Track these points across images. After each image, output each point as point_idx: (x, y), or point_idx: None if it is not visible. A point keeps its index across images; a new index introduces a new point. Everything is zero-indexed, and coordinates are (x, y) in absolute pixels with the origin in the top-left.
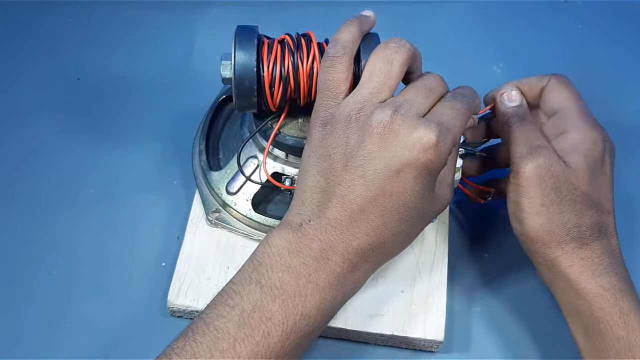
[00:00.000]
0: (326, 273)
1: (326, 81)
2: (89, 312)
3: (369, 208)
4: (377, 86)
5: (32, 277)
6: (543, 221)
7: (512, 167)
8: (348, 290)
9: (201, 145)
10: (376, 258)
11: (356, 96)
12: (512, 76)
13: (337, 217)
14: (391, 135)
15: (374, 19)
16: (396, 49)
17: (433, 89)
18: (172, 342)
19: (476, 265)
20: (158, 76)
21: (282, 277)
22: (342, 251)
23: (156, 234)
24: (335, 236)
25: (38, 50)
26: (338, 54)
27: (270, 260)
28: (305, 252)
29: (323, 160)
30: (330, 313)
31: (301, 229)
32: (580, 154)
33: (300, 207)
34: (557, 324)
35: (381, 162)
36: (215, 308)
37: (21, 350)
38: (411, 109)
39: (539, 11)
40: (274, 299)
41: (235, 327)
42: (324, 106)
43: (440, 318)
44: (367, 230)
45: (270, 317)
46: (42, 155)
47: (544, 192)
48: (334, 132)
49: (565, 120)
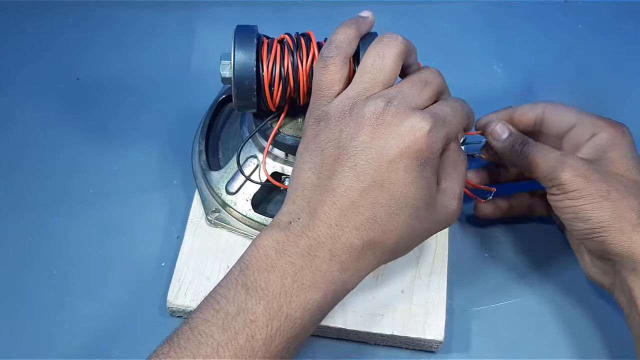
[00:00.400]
0: (312, 271)
1: (319, 81)
2: (89, 312)
3: (359, 200)
4: (369, 81)
5: (32, 277)
6: (610, 209)
7: (550, 184)
8: (338, 291)
9: (201, 145)
10: (367, 258)
11: (349, 92)
12: (512, 76)
13: (327, 212)
14: (384, 125)
15: (373, 19)
16: (388, 43)
17: (429, 82)
18: (157, 348)
19: (476, 266)
20: (157, 76)
21: (268, 278)
22: (329, 247)
23: (156, 233)
24: (323, 231)
25: (38, 50)
26: (331, 54)
27: (257, 261)
28: (292, 250)
29: (315, 156)
30: (318, 315)
31: (289, 227)
32: (618, 147)
33: (290, 206)
34: (557, 324)
35: (373, 153)
36: (200, 312)
37: (21, 350)
38: (405, 100)
39: (539, 11)
40: (259, 301)
41: (219, 331)
42: (317, 105)
43: (440, 318)
44: (356, 224)
45: (255, 320)
46: (41, 155)
47: (597, 186)
48: (327, 128)
49: (588, 127)
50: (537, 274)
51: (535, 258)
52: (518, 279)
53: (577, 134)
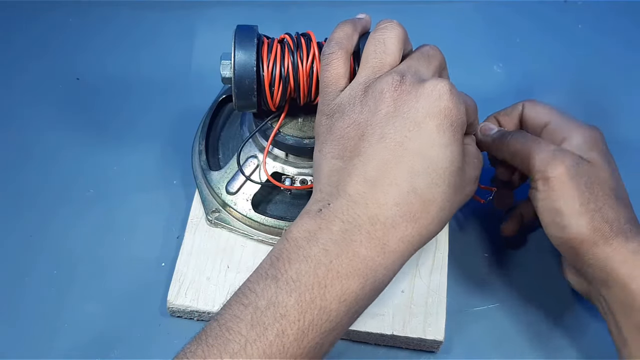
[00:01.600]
0: (349, 257)
1: (325, 78)
2: (89, 312)
3: (395, 171)
4: (376, 65)
5: (32, 277)
6: (587, 220)
7: (537, 176)
8: (379, 278)
9: (201, 145)
10: (411, 237)
11: (358, 79)
12: (512, 76)
13: (360, 191)
14: (404, 94)
15: (369, 20)
16: (386, 28)
17: (431, 56)
18: (185, 345)
19: (476, 265)
20: (157, 76)
21: (300, 269)
22: (368, 228)
23: (156, 233)
24: (359, 211)
25: (37, 50)
26: (333, 49)
27: (288, 253)
28: (326, 236)
29: (336, 144)
30: (356, 306)
31: (320, 214)
32: (594, 151)
33: (318, 194)
34: (557, 324)
35: (400, 120)
36: (230, 308)
37: (21, 350)
38: (417, 72)
39: (539, 11)
40: (290, 293)
41: (247, 327)
42: (327, 101)
43: (440, 318)
44: (395, 200)
45: (285, 314)
46: (41, 155)
47: (580, 192)
48: (343, 116)
49: (560, 127)
50: (537, 274)
51: (536, 258)
52: (518, 279)
53: (549, 135)
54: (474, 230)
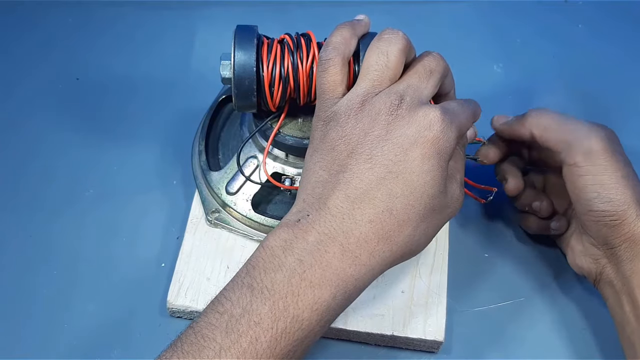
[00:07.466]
0: (322, 267)
1: (322, 85)
2: (89, 312)
3: (374, 192)
4: (376, 79)
5: (32, 277)
6: (631, 191)
7: (576, 150)
8: (350, 289)
9: (201, 146)
10: (383, 254)
11: (357, 90)
12: (512, 76)
13: (338, 205)
14: (398, 118)
15: (368, 22)
16: (390, 40)
17: (433, 70)
18: (161, 352)
19: (476, 265)
20: (157, 76)
21: (274, 277)
22: (341, 242)
23: (156, 234)
24: (334, 225)
25: (38, 50)
26: (329, 55)
27: (264, 262)
28: (301, 246)
29: (326, 154)
30: (327, 315)
31: (298, 224)
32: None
33: (299, 205)
34: (558, 324)
35: (389, 144)
36: (205, 316)
37: (21, 350)
38: (416, 94)
39: (538, 11)
40: (264, 302)
41: (222, 335)
42: (324, 107)
43: (440, 318)
44: (370, 217)
45: (259, 322)
46: (41, 155)
47: (621, 165)
48: (337, 127)
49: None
50: (537, 274)
51: (536, 258)
52: (518, 279)
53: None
54: (474, 230)
